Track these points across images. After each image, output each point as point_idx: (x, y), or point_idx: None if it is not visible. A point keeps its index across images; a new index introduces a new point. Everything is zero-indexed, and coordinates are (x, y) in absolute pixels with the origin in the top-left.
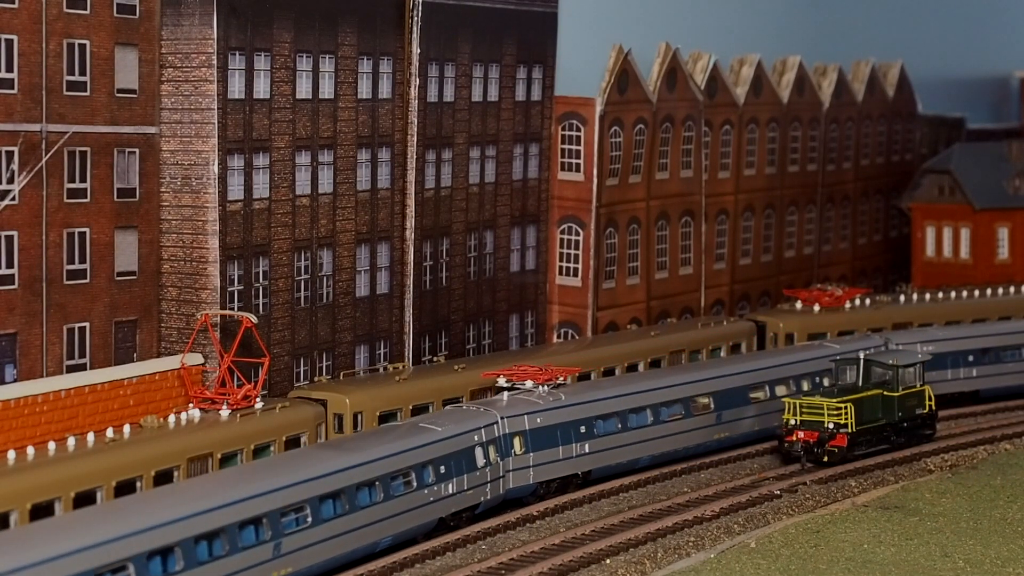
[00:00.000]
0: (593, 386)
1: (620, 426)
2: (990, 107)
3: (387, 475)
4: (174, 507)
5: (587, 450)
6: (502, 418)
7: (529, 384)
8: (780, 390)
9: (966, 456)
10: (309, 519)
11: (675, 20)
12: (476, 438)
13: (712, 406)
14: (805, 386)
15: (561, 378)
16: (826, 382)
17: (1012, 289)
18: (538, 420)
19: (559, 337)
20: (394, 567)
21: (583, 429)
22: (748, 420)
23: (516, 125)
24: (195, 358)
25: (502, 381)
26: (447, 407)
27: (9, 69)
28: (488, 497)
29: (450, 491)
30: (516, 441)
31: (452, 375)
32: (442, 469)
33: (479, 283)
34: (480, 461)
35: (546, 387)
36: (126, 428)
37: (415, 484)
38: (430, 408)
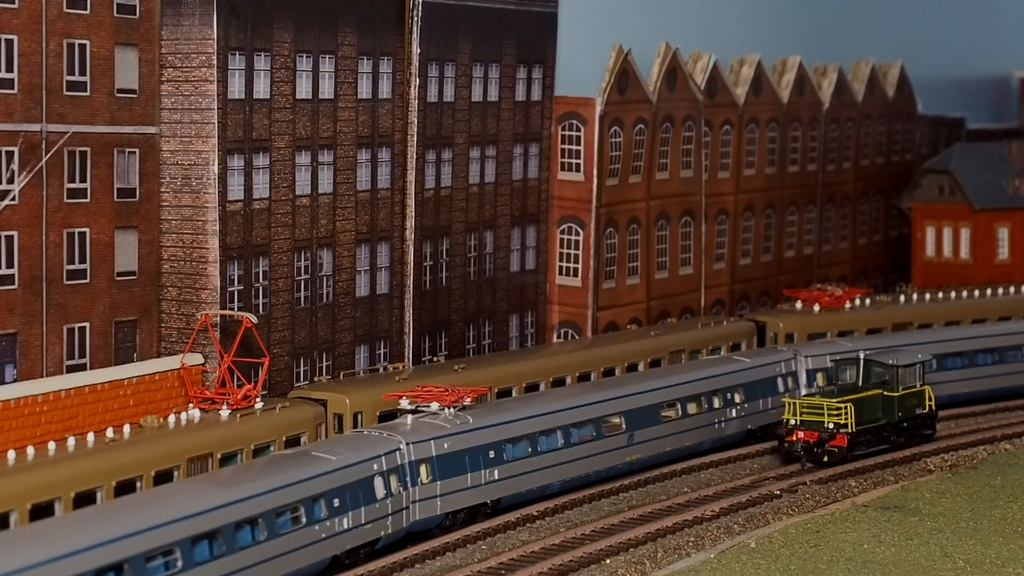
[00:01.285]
0: (501, 407)
1: (530, 450)
2: (990, 107)
3: (271, 511)
4: (12, 557)
5: (496, 477)
6: (407, 444)
7: (434, 406)
8: (692, 408)
9: (966, 456)
10: (180, 563)
11: (675, 20)
12: (375, 467)
13: (624, 426)
14: (716, 403)
15: (468, 399)
16: (737, 398)
17: (1012, 289)
18: (445, 445)
19: (559, 337)
20: (394, 567)
21: (492, 454)
22: (661, 440)
23: (516, 125)
24: (195, 358)
25: (405, 403)
26: (346, 432)
27: (9, 69)
28: (389, 531)
29: (345, 526)
30: (423, 469)
31: (452, 375)
32: (336, 502)
33: (479, 283)
34: (380, 492)
35: (452, 409)
36: (126, 428)
37: (304, 520)
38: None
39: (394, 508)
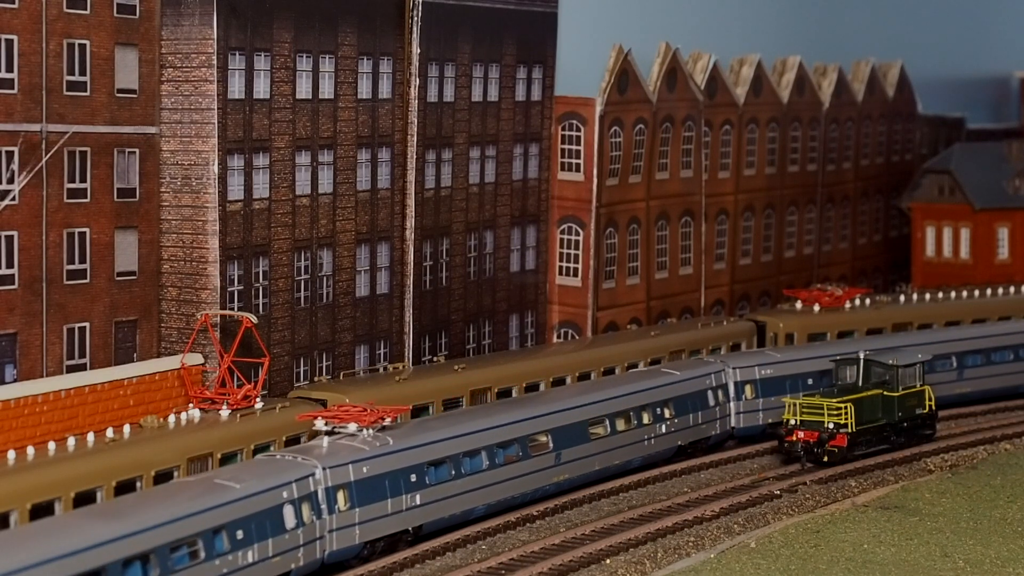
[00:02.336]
0: (423, 427)
1: (453, 473)
2: (990, 107)
3: (165, 546)
4: None
5: (418, 502)
6: (323, 468)
7: (352, 427)
8: (621, 424)
9: (966, 456)
10: None
11: (675, 20)
12: (285, 494)
13: (551, 445)
14: (646, 419)
15: (388, 419)
16: (667, 413)
17: (1012, 289)
18: (364, 469)
19: (559, 337)
20: (394, 567)
21: (414, 478)
22: (589, 459)
23: (516, 125)
24: (195, 358)
25: (320, 424)
26: (257, 456)
27: (9, 69)
28: (301, 564)
29: (249, 560)
30: (340, 495)
31: (452, 375)
32: (239, 534)
33: (479, 283)
34: (290, 522)
35: (371, 430)
36: (126, 428)
37: (203, 554)
38: (430, 409)
39: (306, 538)
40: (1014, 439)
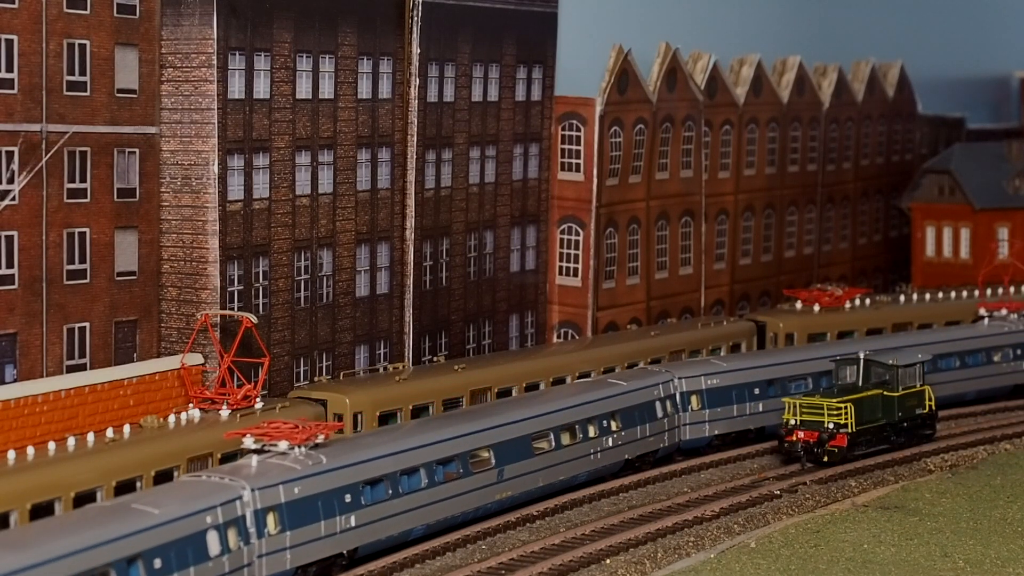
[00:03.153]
0: (358, 444)
1: (390, 492)
2: (990, 107)
3: None
4: None
5: (353, 524)
6: (251, 490)
7: (283, 445)
8: (565, 438)
9: (966, 456)
10: None
11: (675, 20)
12: (209, 519)
13: (493, 461)
14: (592, 432)
15: (321, 436)
16: (613, 425)
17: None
18: (296, 490)
19: (559, 337)
20: (394, 567)
21: (348, 498)
22: (533, 475)
23: (516, 125)
24: (195, 358)
25: (249, 442)
26: (181, 477)
27: (9, 69)
28: None
29: None
30: (270, 518)
31: (452, 375)
32: (156, 563)
33: (479, 283)
34: (214, 549)
35: (303, 448)
36: (126, 428)
37: None
38: (430, 409)
39: (232, 566)
40: (1014, 439)
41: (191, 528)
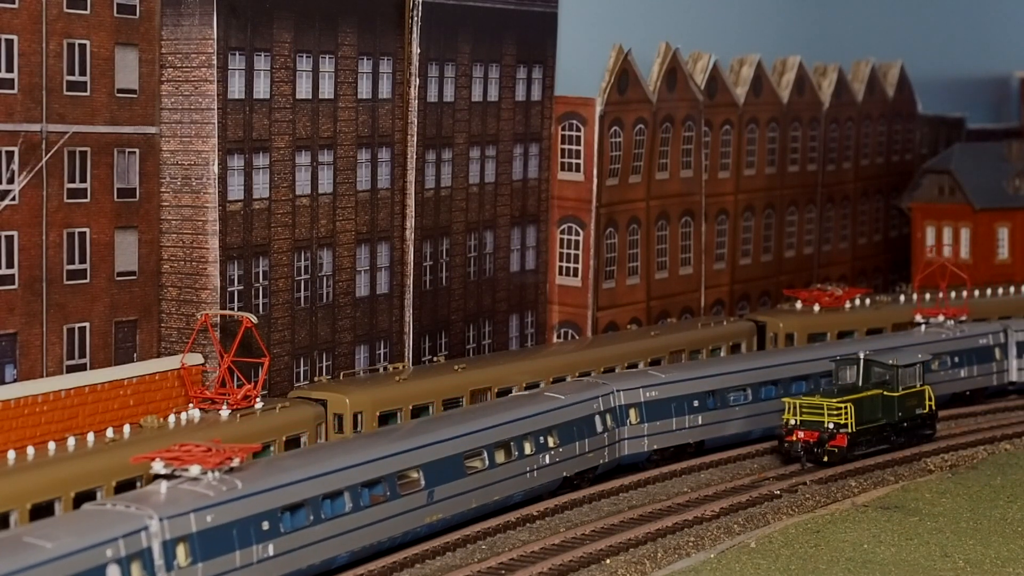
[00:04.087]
0: (276, 467)
1: (312, 518)
2: (990, 107)
3: None
4: None
5: (271, 552)
6: (159, 519)
7: (195, 470)
8: (500, 456)
9: (966, 456)
10: None
11: (675, 20)
12: (110, 552)
13: (422, 482)
14: (528, 449)
15: (236, 459)
16: (551, 442)
17: (1012, 289)
18: (208, 518)
19: (559, 337)
20: (394, 567)
21: (266, 525)
22: (465, 496)
23: (516, 125)
24: (195, 358)
25: (159, 466)
26: (84, 506)
27: (9, 69)
28: None
29: None
30: (180, 549)
31: (452, 375)
32: None
33: (479, 283)
34: None
35: (217, 472)
36: (126, 428)
37: None
38: (430, 409)
39: None
40: (1014, 439)
41: (89, 563)
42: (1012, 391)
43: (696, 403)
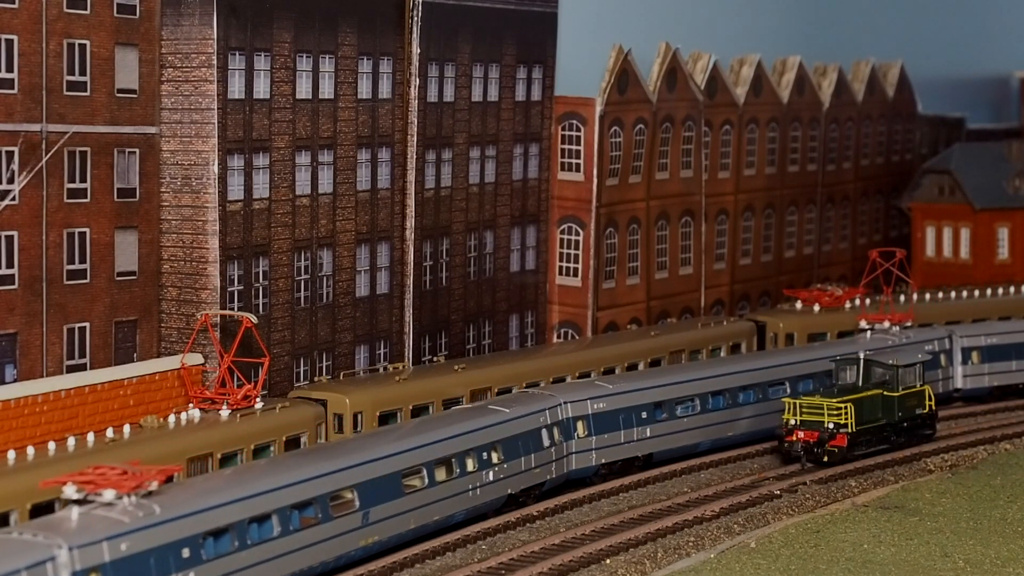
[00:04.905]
0: (198, 489)
1: (237, 544)
2: (990, 107)
3: None
4: None
5: None
6: (69, 549)
7: (109, 495)
8: (440, 473)
9: (966, 456)
10: None
11: (675, 20)
12: None
13: (357, 503)
14: (470, 466)
15: (154, 482)
16: (494, 457)
17: (1012, 289)
18: (123, 547)
19: (559, 337)
20: (394, 567)
21: (186, 553)
22: (403, 516)
23: (516, 125)
24: (195, 358)
25: (71, 491)
26: None
27: (9, 69)
28: None
29: None
30: None
31: (452, 375)
32: None
33: (479, 283)
34: None
35: (133, 497)
36: (126, 428)
37: None
38: (430, 409)
39: None
40: (1014, 439)
41: None
42: (957, 398)
43: (644, 414)
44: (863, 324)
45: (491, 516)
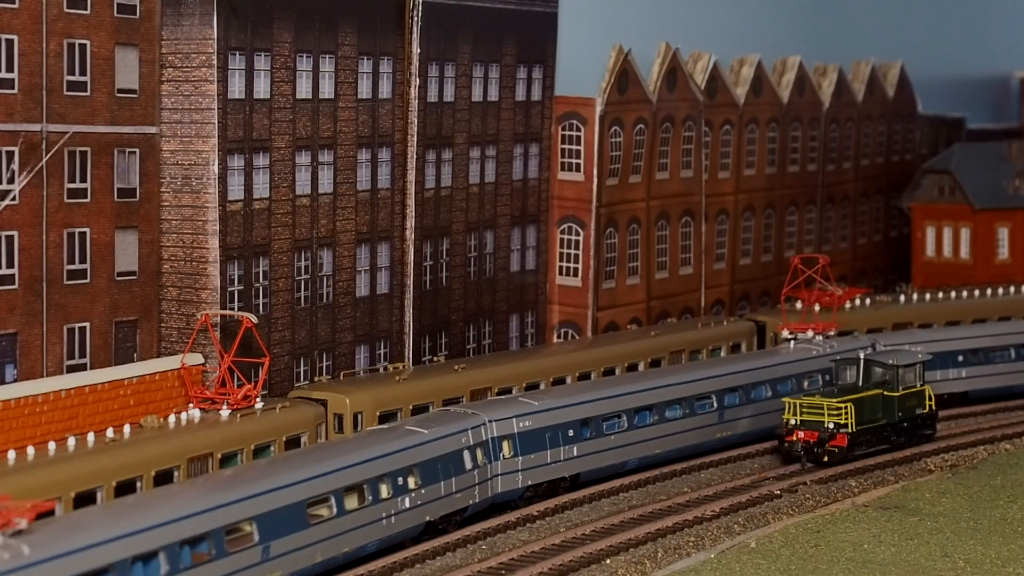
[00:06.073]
0: (75, 525)
1: None
2: (990, 107)
3: None
4: None
5: None
6: None
7: None
8: (351, 502)
9: (966, 456)
10: None
11: (675, 20)
12: None
13: (256, 536)
14: (384, 492)
15: (24, 520)
16: (411, 482)
17: (1012, 289)
18: None
19: (559, 337)
20: (394, 567)
21: None
22: (308, 550)
23: (516, 125)
24: (195, 358)
25: None
26: None
27: (9, 69)
28: None
29: None
30: None
31: (452, 375)
32: None
33: (479, 283)
34: None
35: (0, 537)
36: (126, 428)
37: None
38: (430, 408)
39: None
40: (1014, 439)
41: None
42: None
43: (571, 432)
44: (785, 333)
45: (409, 545)
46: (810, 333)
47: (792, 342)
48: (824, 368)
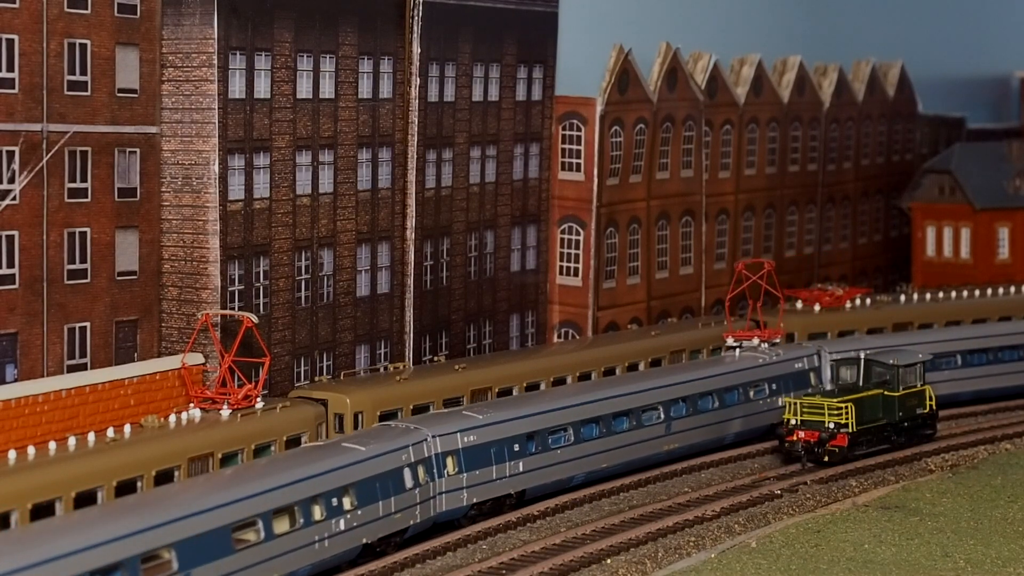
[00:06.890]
0: None
1: None
2: (990, 107)
3: None
4: None
5: None
6: None
7: None
8: (281, 525)
9: (967, 456)
10: None
11: (675, 20)
12: None
13: (175, 565)
14: (317, 514)
15: None
16: (347, 503)
17: (1012, 289)
18: None
19: (559, 337)
20: (394, 567)
21: None
22: None
23: (516, 125)
24: (196, 358)
25: None
26: None
27: (10, 69)
28: None
29: None
30: None
31: (452, 375)
32: None
33: (479, 283)
34: None
35: None
36: (126, 428)
37: None
38: (430, 408)
39: None
40: (1014, 439)
41: None
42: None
43: (517, 447)
44: (730, 341)
45: (346, 568)
46: (755, 341)
47: (737, 350)
48: (771, 376)
